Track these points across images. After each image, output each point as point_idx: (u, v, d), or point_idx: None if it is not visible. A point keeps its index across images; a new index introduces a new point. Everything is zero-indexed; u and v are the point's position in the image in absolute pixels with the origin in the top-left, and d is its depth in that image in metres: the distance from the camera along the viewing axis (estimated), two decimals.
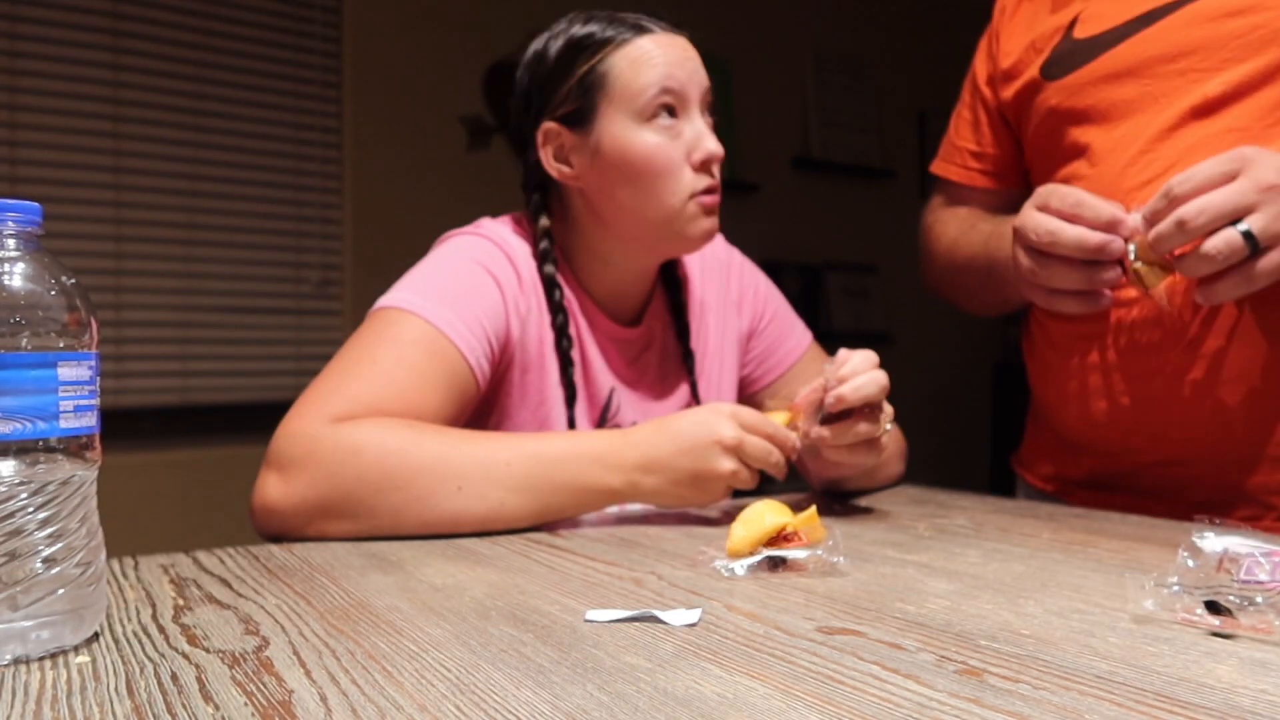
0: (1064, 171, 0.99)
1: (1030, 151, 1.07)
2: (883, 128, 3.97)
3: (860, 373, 0.83)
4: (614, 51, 0.95)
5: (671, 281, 1.09)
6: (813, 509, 0.72)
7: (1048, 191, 0.88)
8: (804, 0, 3.75)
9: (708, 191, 0.97)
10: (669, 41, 0.96)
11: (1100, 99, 0.95)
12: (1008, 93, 1.06)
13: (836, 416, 0.84)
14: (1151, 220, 0.80)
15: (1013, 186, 1.12)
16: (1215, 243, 0.77)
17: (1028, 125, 1.05)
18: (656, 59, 0.95)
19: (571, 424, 0.99)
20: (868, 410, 0.84)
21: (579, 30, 0.97)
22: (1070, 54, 0.98)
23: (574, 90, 0.96)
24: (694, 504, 0.85)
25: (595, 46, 0.96)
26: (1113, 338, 0.94)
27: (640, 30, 0.96)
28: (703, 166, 0.96)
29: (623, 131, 0.95)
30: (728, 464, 0.82)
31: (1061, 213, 0.86)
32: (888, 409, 0.87)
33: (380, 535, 0.78)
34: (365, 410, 0.82)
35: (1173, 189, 0.79)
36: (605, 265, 1.02)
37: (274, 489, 0.78)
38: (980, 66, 1.13)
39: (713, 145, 0.96)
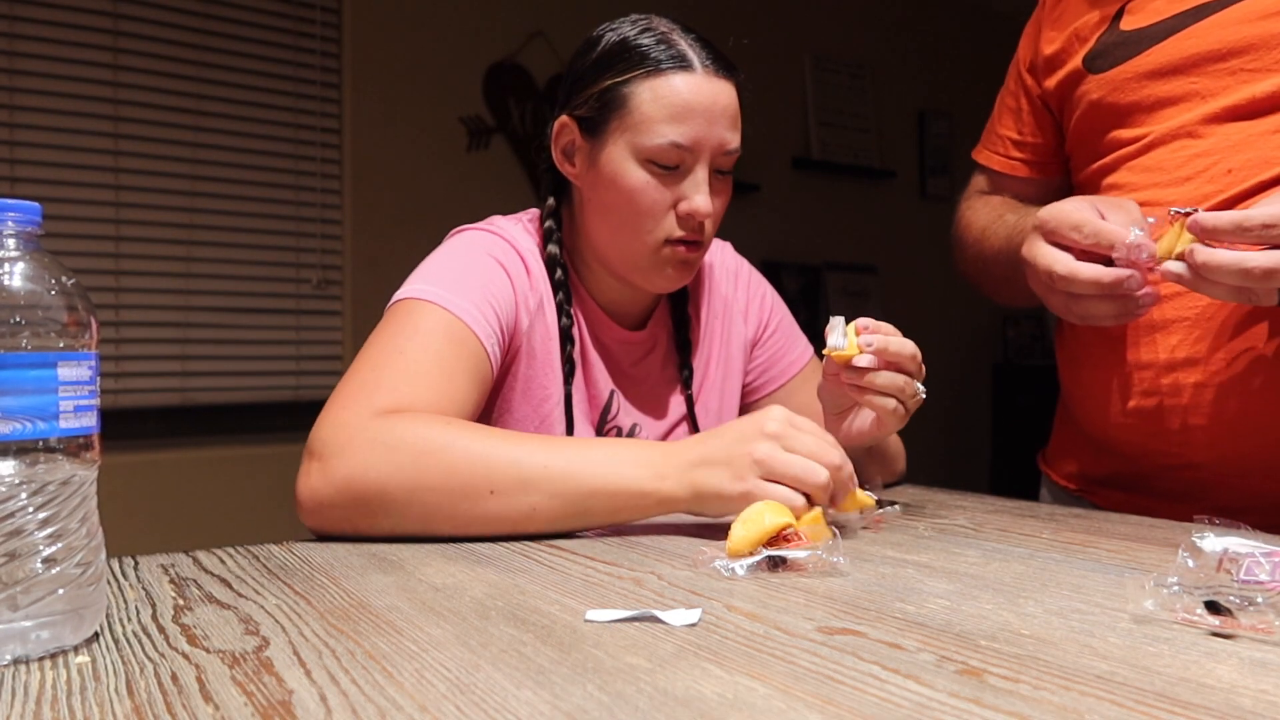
0: (1102, 164, 0.98)
1: (1071, 142, 1.06)
2: (882, 128, 3.97)
3: (894, 335, 0.85)
4: (644, 79, 0.92)
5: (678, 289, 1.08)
6: (818, 510, 0.72)
7: (1054, 220, 0.85)
8: (804, 1, 3.75)
9: (684, 242, 0.95)
10: (707, 88, 0.92)
11: (1145, 96, 0.93)
12: (1050, 81, 1.04)
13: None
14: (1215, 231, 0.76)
15: (1053, 176, 1.11)
16: (1254, 296, 0.75)
17: (1069, 116, 1.03)
18: (680, 108, 0.91)
19: (570, 424, 0.99)
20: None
21: (629, 35, 0.95)
22: (1116, 46, 0.96)
23: (594, 97, 0.95)
24: (735, 496, 0.74)
25: (629, 63, 0.93)
26: (1140, 340, 0.93)
27: (682, 65, 0.92)
28: (686, 219, 0.94)
29: (621, 159, 0.94)
30: (764, 447, 0.74)
31: (1076, 244, 0.84)
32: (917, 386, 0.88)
33: (411, 535, 0.77)
34: (404, 401, 0.82)
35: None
36: (605, 272, 1.02)
37: (315, 478, 0.77)
38: (1024, 52, 1.11)
39: (701, 202, 0.93)
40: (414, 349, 0.86)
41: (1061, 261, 0.85)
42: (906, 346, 0.85)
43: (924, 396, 0.88)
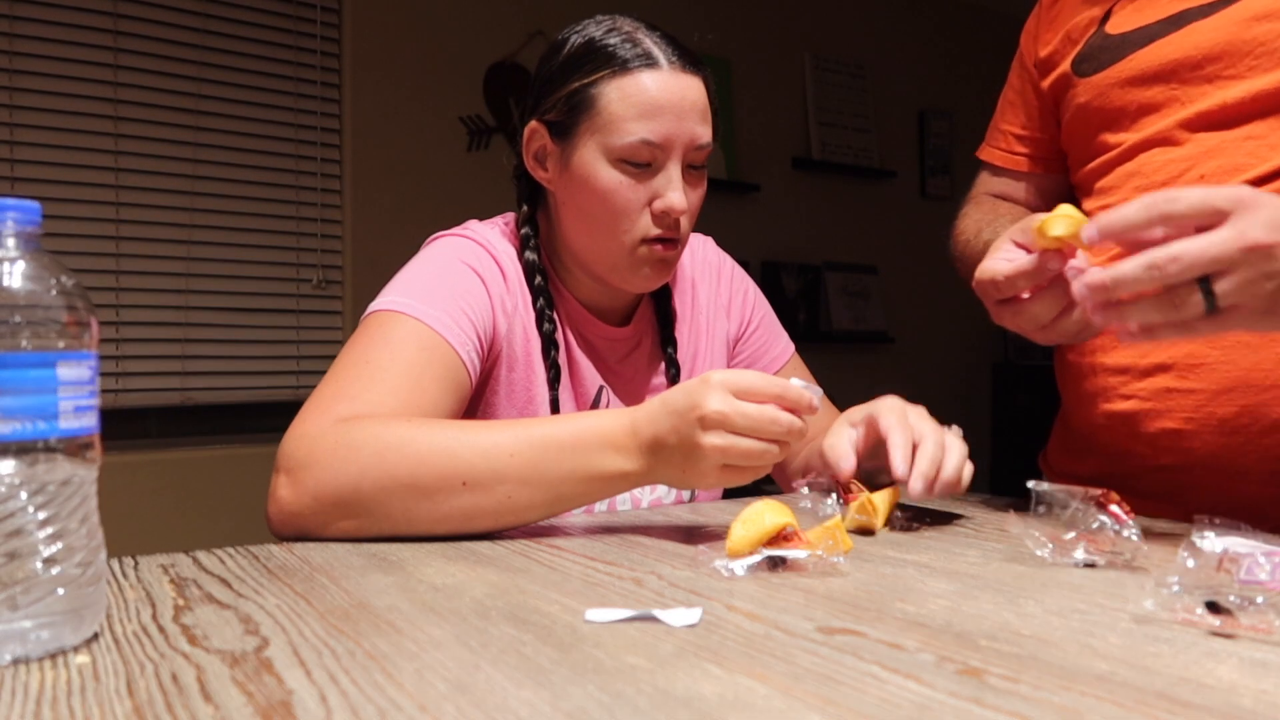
0: (1092, 167, 1.00)
1: (1064, 143, 1.07)
2: (882, 128, 3.97)
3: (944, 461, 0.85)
4: (610, 78, 0.92)
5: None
6: (836, 517, 0.70)
7: (976, 275, 0.86)
8: (804, 1, 3.75)
9: (661, 240, 0.95)
10: (674, 84, 0.92)
11: (1128, 102, 0.95)
12: (1045, 82, 1.06)
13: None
14: (1127, 228, 0.70)
15: (1055, 172, 1.11)
16: (1175, 298, 0.69)
17: (1062, 117, 1.05)
18: (648, 105, 0.91)
19: None
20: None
21: (595, 36, 0.95)
22: (1101, 50, 0.98)
23: (562, 101, 0.95)
24: (699, 486, 0.78)
25: (596, 64, 0.93)
26: (1116, 345, 0.94)
27: (649, 62, 0.92)
28: (662, 216, 0.94)
29: (592, 160, 0.94)
30: (713, 439, 0.73)
31: (990, 296, 0.84)
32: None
33: (399, 535, 0.78)
34: (366, 409, 0.82)
35: (1159, 207, 0.68)
36: (584, 273, 1.02)
37: (284, 491, 0.78)
38: (1026, 48, 1.12)
39: (675, 199, 0.93)
40: (382, 359, 0.86)
41: (985, 270, 0.83)
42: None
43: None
